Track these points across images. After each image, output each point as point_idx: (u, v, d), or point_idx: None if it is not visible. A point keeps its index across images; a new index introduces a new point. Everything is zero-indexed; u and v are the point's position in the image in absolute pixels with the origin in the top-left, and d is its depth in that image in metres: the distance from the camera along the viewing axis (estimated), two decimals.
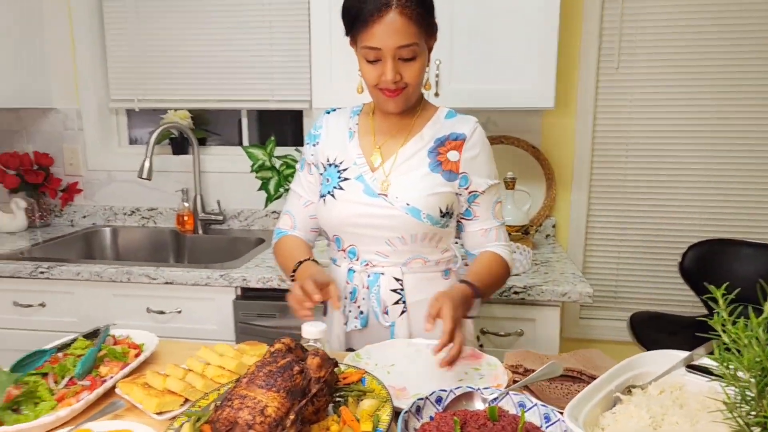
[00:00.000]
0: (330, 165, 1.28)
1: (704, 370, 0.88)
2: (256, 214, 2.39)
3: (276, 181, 2.14)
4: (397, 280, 1.23)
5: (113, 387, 1.01)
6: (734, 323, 0.64)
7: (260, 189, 2.16)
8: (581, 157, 2.20)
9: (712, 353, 0.83)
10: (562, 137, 2.21)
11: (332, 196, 1.24)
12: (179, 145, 2.47)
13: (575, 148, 2.21)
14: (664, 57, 2.11)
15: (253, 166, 2.15)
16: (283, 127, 2.52)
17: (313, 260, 1.23)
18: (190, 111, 2.40)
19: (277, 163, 2.16)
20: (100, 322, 1.84)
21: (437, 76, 1.82)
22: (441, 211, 1.20)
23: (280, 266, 1.33)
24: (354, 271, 1.26)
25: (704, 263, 2.07)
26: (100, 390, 0.98)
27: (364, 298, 1.25)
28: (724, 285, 0.67)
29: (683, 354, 0.91)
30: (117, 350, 1.10)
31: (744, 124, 2.11)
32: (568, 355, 1.11)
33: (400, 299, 1.23)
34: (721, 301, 0.66)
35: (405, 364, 1.09)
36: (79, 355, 1.08)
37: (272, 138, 2.19)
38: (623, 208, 2.23)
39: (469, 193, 1.24)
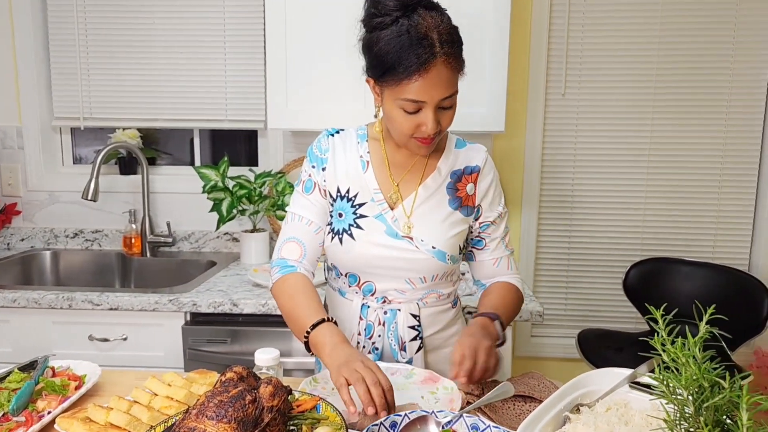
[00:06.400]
0: (342, 197, 1.19)
1: (647, 387, 0.92)
2: (207, 236, 2.34)
3: (229, 203, 2.10)
4: (414, 316, 1.20)
5: (52, 423, 0.96)
6: (673, 342, 0.67)
7: (212, 210, 2.12)
8: (530, 178, 2.28)
9: (653, 371, 0.87)
10: (512, 159, 2.28)
11: (350, 235, 1.16)
12: (127, 164, 2.39)
13: (525, 170, 2.28)
14: (605, 84, 2.22)
15: (205, 186, 2.11)
16: (236, 146, 2.49)
17: (330, 320, 1.07)
18: (139, 129, 2.34)
19: (230, 184, 2.13)
20: (38, 351, 1.74)
21: None
22: (460, 249, 1.21)
23: (284, 312, 1.16)
24: (368, 307, 1.20)
25: (645, 281, 2.17)
26: (36, 426, 0.93)
27: (380, 335, 1.20)
28: (663, 306, 0.70)
29: (627, 372, 0.94)
30: (56, 383, 1.05)
31: (682, 147, 2.24)
32: (517, 379, 1.13)
33: (417, 335, 1.20)
34: (660, 321, 0.70)
35: None
36: (14, 389, 1.02)
37: (225, 158, 2.15)
38: (571, 228, 2.31)
39: (480, 223, 1.23)
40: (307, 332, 1.05)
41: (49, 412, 0.97)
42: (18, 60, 2.29)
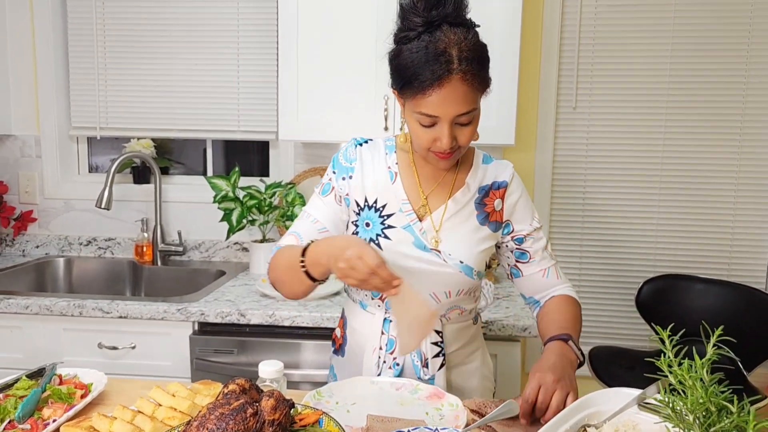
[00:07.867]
0: (369, 207, 1.18)
1: (657, 408, 0.90)
2: (217, 245, 2.35)
3: (239, 213, 2.11)
4: (438, 332, 1.19)
5: (56, 431, 0.96)
6: (680, 364, 0.66)
7: (222, 220, 2.13)
8: (541, 192, 2.26)
9: None
10: (522, 173, 2.25)
11: (377, 245, 1.15)
12: (141, 173, 2.42)
13: (535, 184, 2.27)
14: (617, 97, 2.21)
15: (215, 197, 2.13)
16: (249, 157, 2.51)
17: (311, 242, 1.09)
18: (153, 140, 2.37)
19: (241, 194, 2.15)
20: (49, 358, 1.76)
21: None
22: (486, 265, 1.21)
23: (281, 273, 1.15)
24: (391, 321, 1.19)
25: (658, 298, 2.13)
26: None
27: None
28: (670, 326, 0.69)
29: (636, 392, 0.92)
30: (62, 391, 1.05)
31: (695, 161, 2.21)
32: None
33: (440, 351, 1.19)
34: (667, 342, 0.68)
35: (366, 402, 1.07)
36: (21, 396, 1.03)
37: (236, 168, 2.17)
38: (582, 243, 2.29)
39: (513, 238, 1.22)
40: (302, 261, 1.07)
41: (54, 420, 0.97)
42: (38, 71, 2.34)
